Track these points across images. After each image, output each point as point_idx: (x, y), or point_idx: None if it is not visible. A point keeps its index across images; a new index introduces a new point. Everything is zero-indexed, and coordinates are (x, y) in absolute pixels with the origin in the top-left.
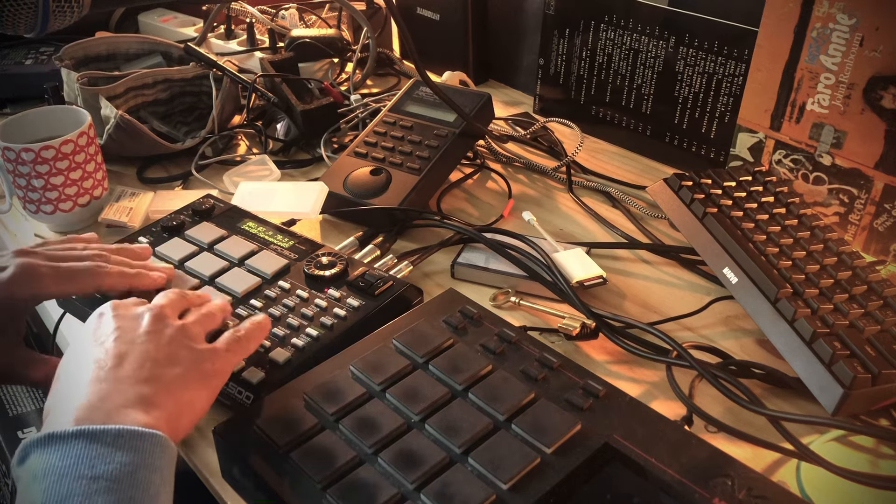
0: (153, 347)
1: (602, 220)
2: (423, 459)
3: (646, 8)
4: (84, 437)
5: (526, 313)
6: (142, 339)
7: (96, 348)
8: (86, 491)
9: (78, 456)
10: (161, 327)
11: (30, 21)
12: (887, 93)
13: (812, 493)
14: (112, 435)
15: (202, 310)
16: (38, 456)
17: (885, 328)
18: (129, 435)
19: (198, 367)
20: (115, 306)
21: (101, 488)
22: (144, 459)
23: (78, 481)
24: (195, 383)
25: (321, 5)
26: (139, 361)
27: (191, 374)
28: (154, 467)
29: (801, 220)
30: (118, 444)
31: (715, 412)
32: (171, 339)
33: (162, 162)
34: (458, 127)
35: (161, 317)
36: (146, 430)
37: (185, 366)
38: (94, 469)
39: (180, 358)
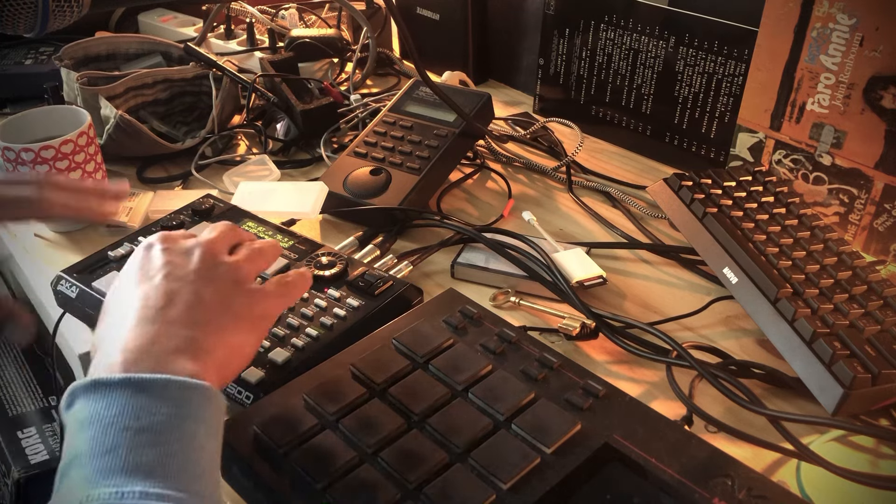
0: (204, 288)
1: (602, 220)
2: (423, 459)
3: (646, 8)
4: (130, 386)
5: (526, 313)
6: (192, 277)
7: (144, 284)
8: (131, 443)
9: (124, 405)
10: (212, 265)
11: (30, 21)
12: (887, 93)
13: (812, 493)
14: (159, 386)
15: (254, 246)
16: (84, 402)
17: (885, 328)
18: (176, 386)
19: (249, 310)
20: (164, 238)
21: (147, 441)
22: (191, 412)
23: (124, 433)
24: (245, 326)
25: (321, 5)
26: (190, 303)
27: (242, 318)
28: (200, 419)
29: (801, 220)
30: (164, 395)
31: (715, 412)
32: (222, 279)
33: (162, 162)
34: (458, 127)
35: (212, 254)
36: (193, 382)
37: (237, 309)
38: (140, 420)
39: (232, 300)
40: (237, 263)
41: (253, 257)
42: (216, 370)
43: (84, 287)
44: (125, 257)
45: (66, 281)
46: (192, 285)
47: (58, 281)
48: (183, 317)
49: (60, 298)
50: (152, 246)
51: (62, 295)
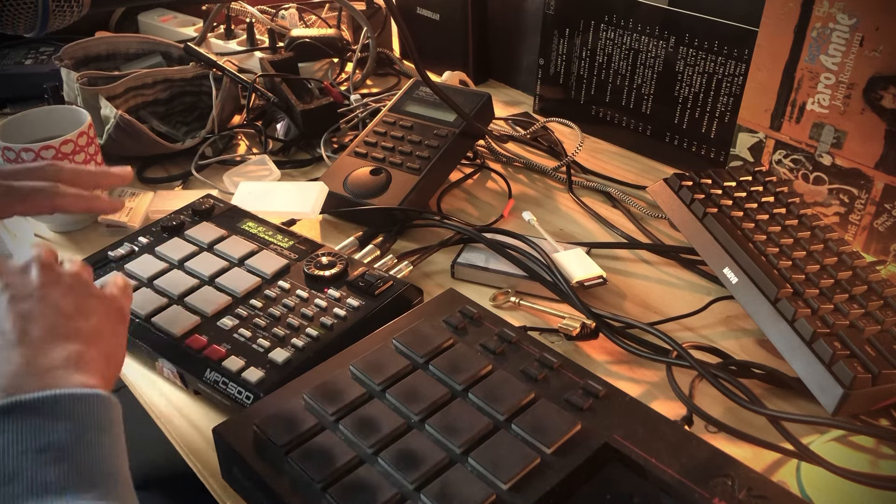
0: (57, 296)
1: (602, 220)
2: (423, 459)
3: (646, 8)
4: (19, 409)
5: (526, 313)
6: (39, 291)
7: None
8: (33, 465)
9: (17, 430)
10: (54, 274)
11: (30, 21)
12: (887, 93)
13: (812, 493)
14: (50, 402)
15: (77, 263)
16: None
17: (885, 328)
18: (68, 399)
19: (108, 314)
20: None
21: (50, 459)
22: (90, 422)
23: (23, 455)
24: (110, 330)
25: (321, 5)
26: (49, 316)
27: (105, 322)
28: (101, 428)
29: (801, 220)
30: (57, 411)
31: (715, 412)
32: (69, 283)
33: (162, 162)
34: (458, 127)
35: (48, 264)
36: (85, 392)
37: (98, 313)
38: (38, 441)
39: (89, 306)
40: (74, 272)
41: (81, 267)
42: (100, 374)
43: None
44: (125, 257)
45: None
46: (42, 299)
47: None
48: (48, 332)
49: None
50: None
51: None
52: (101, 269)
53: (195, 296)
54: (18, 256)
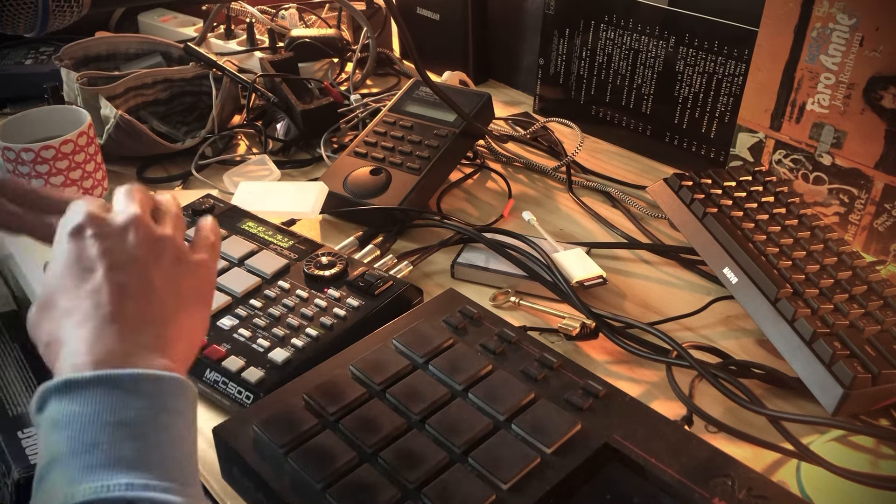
0: (154, 274)
1: (602, 220)
2: (423, 459)
3: (646, 8)
4: (104, 382)
5: (526, 313)
6: (137, 265)
7: (89, 278)
8: (111, 438)
9: (99, 402)
10: (152, 244)
11: (30, 21)
12: (887, 93)
13: (812, 493)
14: (131, 381)
15: (171, 210)
16: (57, 403)
17: (885, 328)
18: (147, 379)
19: (198, 287)
20: (91, 220)
21: (127, 434)
22: (165, 404)
23: (103, 428)
24: (197, 304)
25: (321, 5)
26: (143, 294)
27: (193, 298)
28: (175, 411)
29: (801, 220)
30: (137, 389)
31: (715, 412)
32: (166, 259)
33: (162, 162)
34: (458, 127)
35: (146, 230)
36: (164, 374)
37: (187, 290)
38: (117, 415)
39: (182, 283)
40: (173, 238)
41: (177, 224)
42: (181, 357)
43: None
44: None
45: None
46: (139, 273)
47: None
48: (141, 311)
49: None
50: (82, 231)
51: None
52: None
53: None
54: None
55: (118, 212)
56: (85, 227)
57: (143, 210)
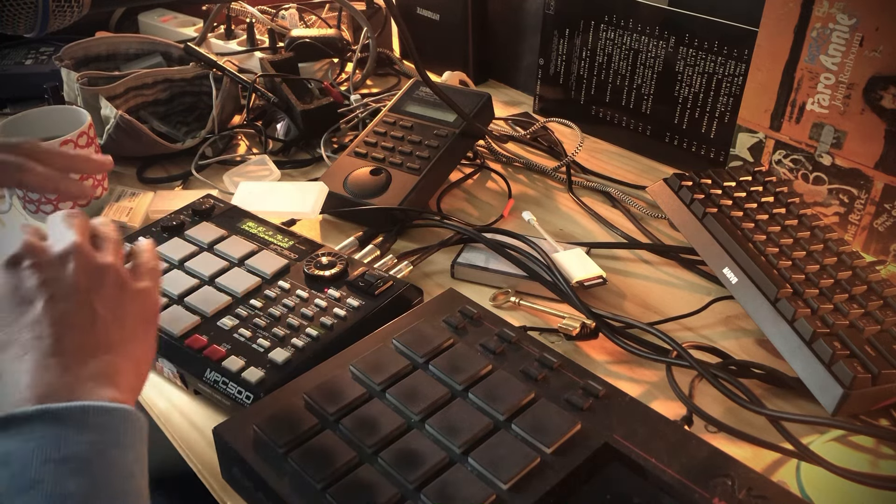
0: (96, 303)
1: (602, 220)
2: (423, 459)
3: (646, 8)
4: (49, 417)
5: (526, 313)
6: (78, 294)
7: (28, 311)
8: (54, 475)
9: (42, 438)
10: (93, 273)
11: (30, 21)
12: (887, 93)
13: (812, 493)
14: (78, 412)
15: (110, 236)
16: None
17: (885, 328)
18: (97, 412)
19: (142, 314)
20: (29, 250)
21: (71, 470)
22: (114, 437)
23: (45, 465)
24: (142, 332)
25: (321, 5)
26: (86, 324)
27: (138, 324)
28: (125, 445)
29: (801, 220)
30: (85, 423)
31: (715, 412)
32: (109, 288)
33: (162, 162)
34: (458, 127)
35: (87, 258)
36: (113, 406)
37: (131, 317)
38: (62, 451)
39: (125, 310)
40: (114, 265)
41: (116, 249)
42: (129, 386)
43: None
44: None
45: None
46: (80, 303)
47: None
48: (84, 342)
49: None
50: (18, 261)
51: None
52: None
53: (195, 296)
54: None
55: (56, 240)
56: (21, 257)
57: (82, 237)
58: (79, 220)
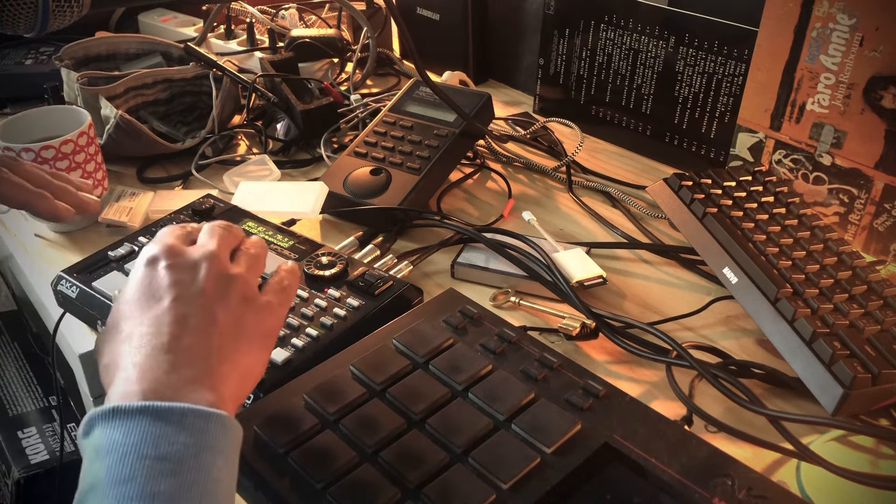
0: (217, 310)
1: (602, 220)
2: (423, 459)
3: (646, 8)
4: (150, 414)
5: (526, 313)
6: (203, 299)
7: (154, 306)
8: (149, 472)
9: (143, 433)
10: (222, 283)
11: (30, 21)
12: (887, 93)
13: (812, 493)
14: (178, 414)
15: (250, 251)
16: (102, 430)
17: (885, 328)
18: (195, 415)
19: (260, 329)
20: (168, 252)
21: (165, 470)
22: (208, 441)
23: (141, 461)
24: (257, 346)
25: (321, 5)
26: (204, 328)
27: (253, 338)
28: (218, 450)
29: (801, 220)
30: (183, 424)
31: (715, 412)
32: (233, 297)
33: (162, 162)
34: (458, 127)
35: (220, 268)
36: (211, 411)
37: (248, 329)
38: (158, 449)
39: (244, 321)
40: (244, 278)
41: (252, 265)
42: (231, 396)
43: (84, 287)
44: (125, 257)
45: (67, 281)
46: (203, 308)
47: (58, 281)
48: (198, 344)
49: (60, 298)
50: (157, 261)
51: (62, 295)
52: (101, 268)
53: None
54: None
55: (197, 246)
56: (160, 257)
57: (220, 247)
58: (223, 232)
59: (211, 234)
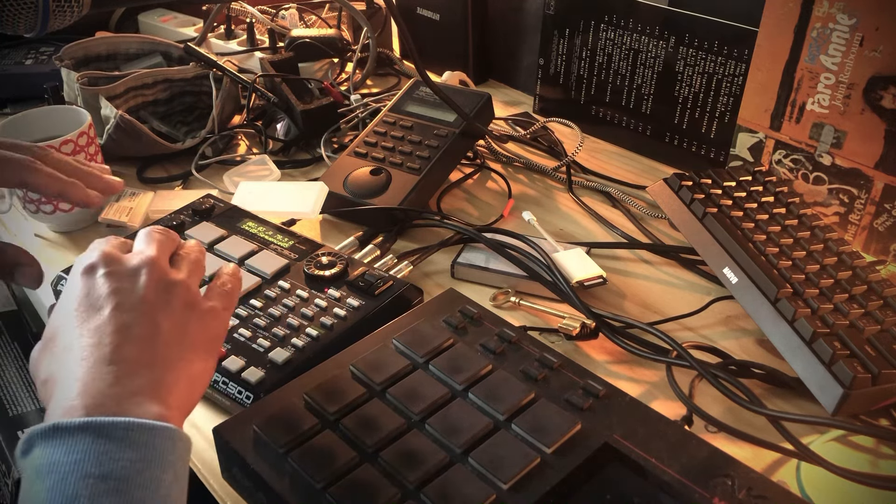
0: (159, 317)
1: (602, 220)
2: (423, 459)
3: (646, 8)
4: (92, 430)
5: (526, 313)
6: (144, 307)
7: (93, 317)
8: (93, 492)
9: (85, 451)
10: (163, 289)
11: (30, 21)
12: (887, 93)
13: (812, 493)
14: (122, 428)
15: (190, 256)
16: (42, 449)
17: (885, 328)
18: (140, 429)
19: (205, 335)
20: (105, 259)
21: (109, 489)
22: (155, 456)
23: (84, 480)
24: (202, 353)
25: (321, 5)
26: (146, 337)
27: (199, 344)
28: (166, 464)
29: (801, 220)
30: (127, 439)
31: (715, 412)
32: (175, 303)
33: (162, 162)
34: (458, 127)
35: (160, 274)
36: (158, 424)
37: (193, 336)
38: (102, 467)
39: (188, 328)
40: (185, 283)
41: (193, 269)
42: (179, 406)
43: None
44: None
45: None
46: (145, 315)
47: (58, 281)
48: (141, 354)
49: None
50: (94, 269)
51: None
52: None
53: None
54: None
55: (135, 252)
56: (97, 265)
57: (159, 253)
58: (161, 237)
59: (148, 239)
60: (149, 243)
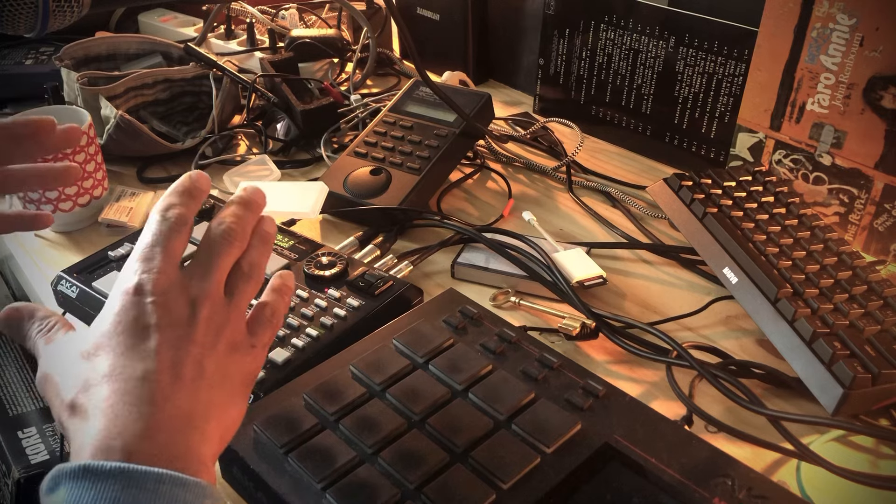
0: (207, 361)
1: (602, 220)
2: (423, 459)
3: (646, 8)
4: (124, 478)
5: (526, 313)
6: (194, 347)
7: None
8: None
9: (114, 499)
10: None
11: (30, 21)
12: (887, 93)
13: (812, 493)
14: (154, 480)
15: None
16: (68, 490)
17: (885, 328)
18: (172, 482)
19: (241, 377)
20: (156, 284)
21: None
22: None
23: None
24: (239, 396)
25: (321, 5)
26: (193, 380)
27: (237, 388)
28: None
29: (801, 220)
30: (159, 491)
31: (715, 412)
32: (222, 346)
33: (162, 162)
34: (458, 127)
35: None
36: (190, 479)
37: (233, 378)
38: None
39: (229, 370)
40: (235, 321)
41: (252, 291)
42: (213, 454)
43: (84, 287)
44: (125, 257)
45: (67, 281)
46: (193, 357)
47: (58, 281)
48: (186, 399)
49: (60, 298)
50: (143, 293)
51: (62, 295)
52: (101, 268)
53: None
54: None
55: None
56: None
57: (218, 281)
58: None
59: (210, 253)
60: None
